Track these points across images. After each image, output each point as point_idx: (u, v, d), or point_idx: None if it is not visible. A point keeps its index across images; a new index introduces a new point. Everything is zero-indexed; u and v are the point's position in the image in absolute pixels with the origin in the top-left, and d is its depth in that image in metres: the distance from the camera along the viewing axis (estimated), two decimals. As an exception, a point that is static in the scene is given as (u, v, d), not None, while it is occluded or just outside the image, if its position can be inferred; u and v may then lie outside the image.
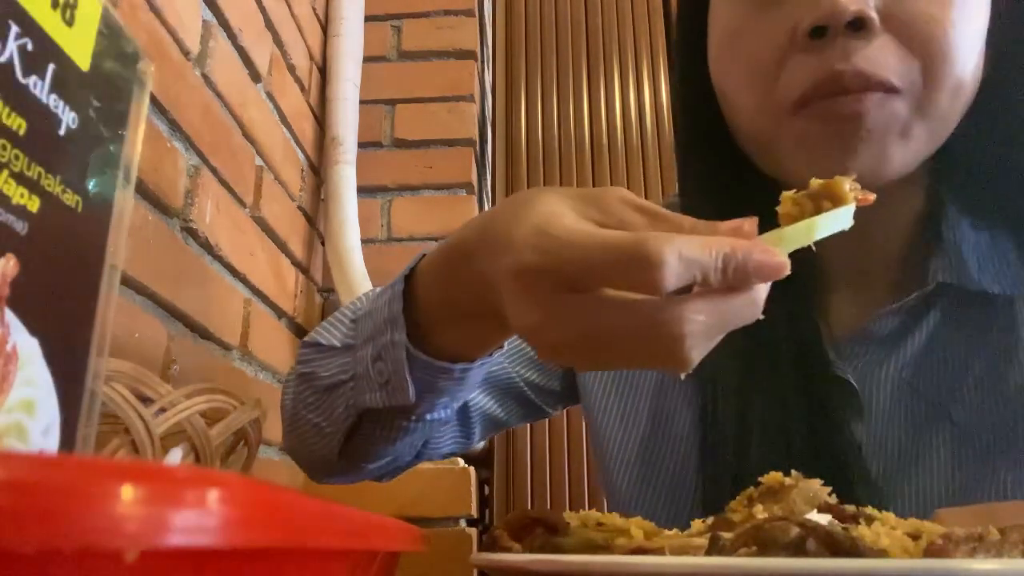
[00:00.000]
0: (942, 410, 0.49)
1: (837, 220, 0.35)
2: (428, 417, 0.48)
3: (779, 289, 0.52)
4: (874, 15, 0.44)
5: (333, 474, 0.55)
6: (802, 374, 0.50)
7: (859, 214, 0.42)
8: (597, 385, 0.61)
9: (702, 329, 0.31)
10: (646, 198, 1.48)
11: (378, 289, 0.50)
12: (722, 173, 0.55)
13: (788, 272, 0.32)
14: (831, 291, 0.54)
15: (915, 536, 0.27)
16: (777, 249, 0.32)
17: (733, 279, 0.31)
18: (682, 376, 0.33)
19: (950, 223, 0.51)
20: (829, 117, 0.46)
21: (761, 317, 0.33)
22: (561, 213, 0.33)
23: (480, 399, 0.60)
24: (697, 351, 0.31)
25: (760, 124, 0.50)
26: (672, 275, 0.29)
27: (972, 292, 0.49)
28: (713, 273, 0.30)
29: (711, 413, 0.53)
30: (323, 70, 1.21)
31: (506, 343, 0.48)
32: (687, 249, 0.30)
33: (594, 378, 0.61)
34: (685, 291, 0.31)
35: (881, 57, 0.44)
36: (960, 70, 0.46)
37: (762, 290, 0.33)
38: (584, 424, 1.29)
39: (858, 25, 0.44)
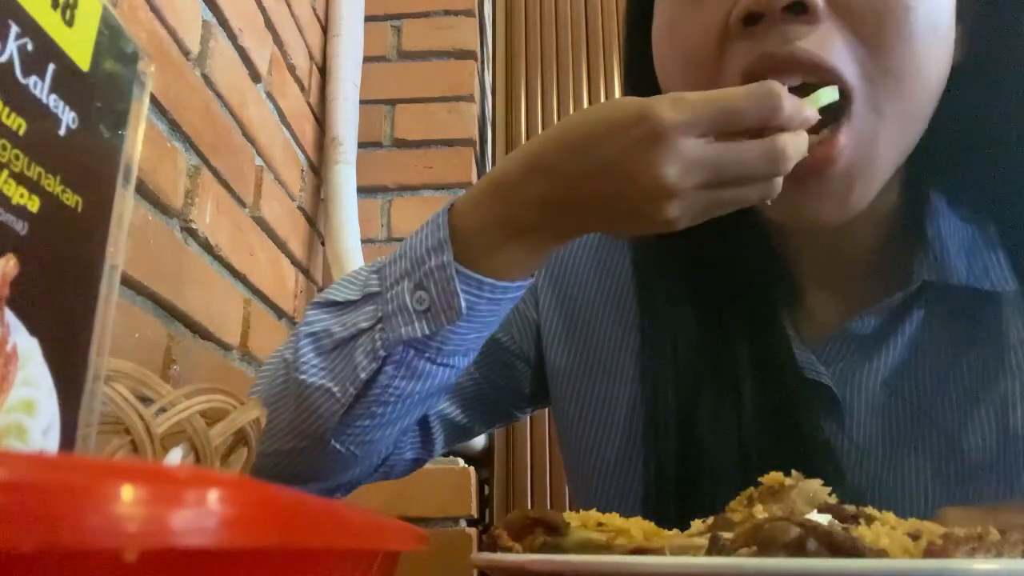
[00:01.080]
0: (926, 414, 0.48)
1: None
2: (451, 362, 0.46)
3: (760, 290, 0.51)
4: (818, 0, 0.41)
5: (314, 476, 0.52)
6: (764, 375, 0.48)
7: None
8: (562, 375, 0.59)
9: (684, 186, 0.38)
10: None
11: (404, 242, 0.48)
12: None
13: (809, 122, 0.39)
14: (809, 292, 0.52)
15: (915, 536, 0.27)
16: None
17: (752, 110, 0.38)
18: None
19: (934, 216, 0.48)
20: None
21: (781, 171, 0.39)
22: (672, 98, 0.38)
23: (444, 407, 0.57)
24: (682, 210, 0.39)
25: None
26: (783, 119, 0.37)
27: (957, 289, 0.47)
28: (728, 112, 0.37)
29: (656, 413, 0.51)
30: (323, 70, 1.21)
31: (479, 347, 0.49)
32: (692, 97, 0.37)
33: (566, 382, 0.59)
34: None
35: (824, 43, 0.41)
36: (922, 57, 0.42)
37: (786, 138, 0.38)
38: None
39: (799, 9, 0.41)
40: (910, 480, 0.47)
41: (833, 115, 0.42)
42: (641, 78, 0.52)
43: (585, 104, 1.58)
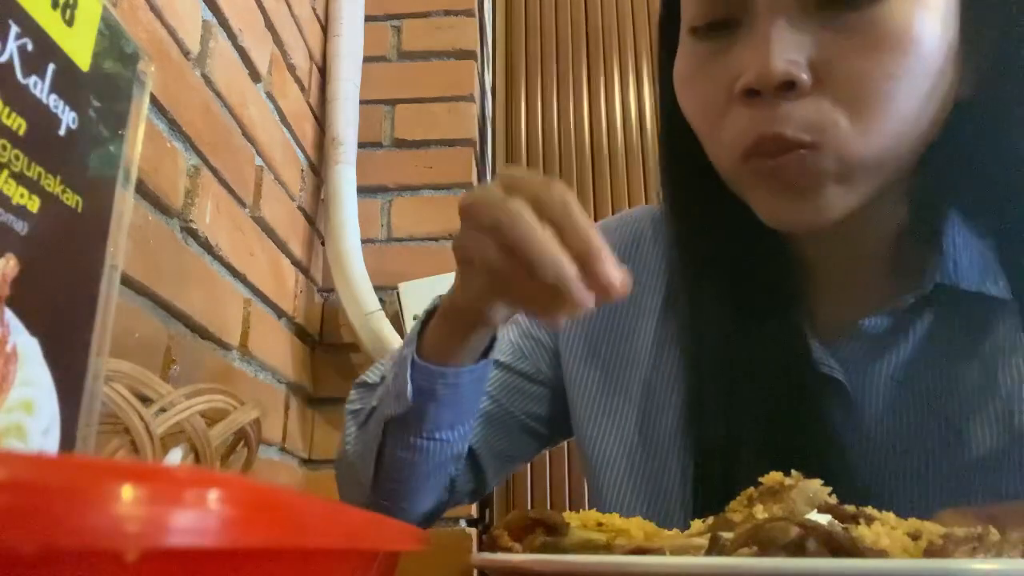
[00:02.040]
0: (936, 412, 0.49)
1: None
2: (437, 436, 0.54)
3: (765, 291, 0.54)
4: (804, 76, 0.45)
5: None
6: (787, 373, 0.51)
7: (837, 228, 0.48)
8: (583, 392, 0.61)
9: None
10: (645, 198, 1.47)
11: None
12: (704, 198, 0.56)
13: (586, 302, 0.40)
14: (825, 292, 0.55)
15: (915, 536, 0.27)
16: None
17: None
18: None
19: (950, 228, 0.51)
20: (764, 173, 0.48)
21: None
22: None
23: (485, 442, 0.62)
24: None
25: (718, 166, 0.52)
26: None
27: (968, 294, 0.49)
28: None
29: (698, 415, 0.54)
30: (323, 70, 1.21)
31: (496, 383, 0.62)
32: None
33: (581, 387, 0.62)
34: None
35: (805, 117, 0.45)
36: (900, 116, 0.46)
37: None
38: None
39: (788, 87, 0.45)
40: (918, 473, 0.49)
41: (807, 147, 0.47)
42: (671, 107, 0.57)
43: (585, 104, 1.59)
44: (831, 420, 0.50)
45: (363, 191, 1.17)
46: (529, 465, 1.29)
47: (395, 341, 1.05)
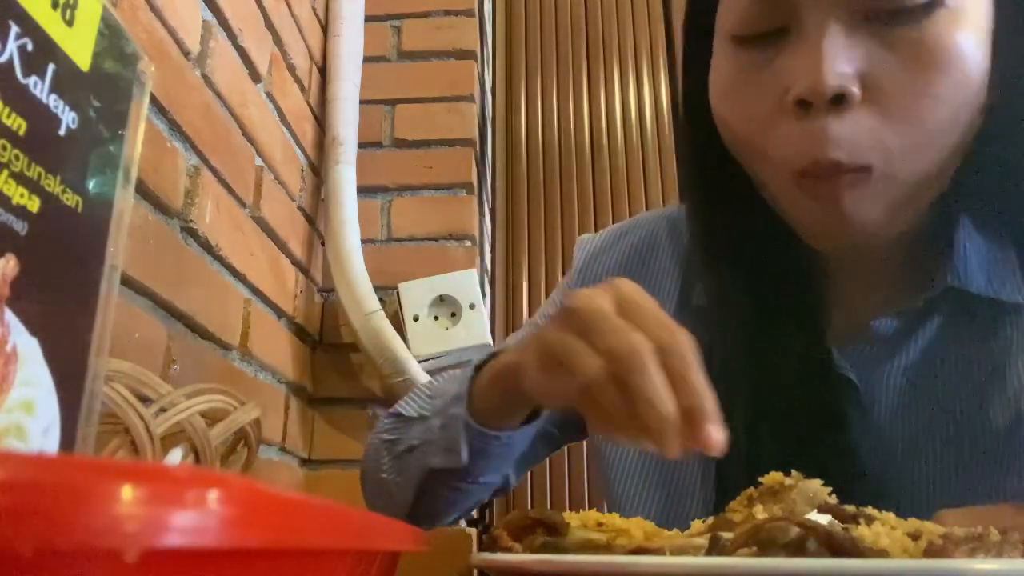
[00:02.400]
0: (944, 411, 0.50)
1: None
2: (481, 480, 0.56)
3: (787, 294, 0.54)
4: (855, 90, 0.45)
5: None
6: (809, 375, 0.52)
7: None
8: None
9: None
10: (645, 199, 1.48)
11: (456, 372, 0.62)
12: (727, 201, 0.56)
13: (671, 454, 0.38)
14: (837, 293, 0.56)
15: (915, 536, 0.27)
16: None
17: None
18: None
19: (961, 233, 0.52)
20: (814, 194, 0.48)
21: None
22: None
23: None
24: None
25: (761, 178, 0.52)
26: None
27: (978, 298, 0.50)
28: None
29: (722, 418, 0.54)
30: (323, 70, 1.21)
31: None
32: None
33: None
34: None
35: (857, 136, 0.46)
36: (939, 137, 0.47)
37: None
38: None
39: (838, 100, 0.45)
40: (927, 473, 0.50)
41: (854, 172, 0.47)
42: (698, 108, 0.57)
43: (585, 104, 1.59)
44: (850, 421, 0.50)
45: (363, 191, 1.17)
46: (529, 465, 1.29)
47: (395, 341, 1.05)
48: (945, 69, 0.45)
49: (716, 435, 0.38)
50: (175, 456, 0.47)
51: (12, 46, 0.26)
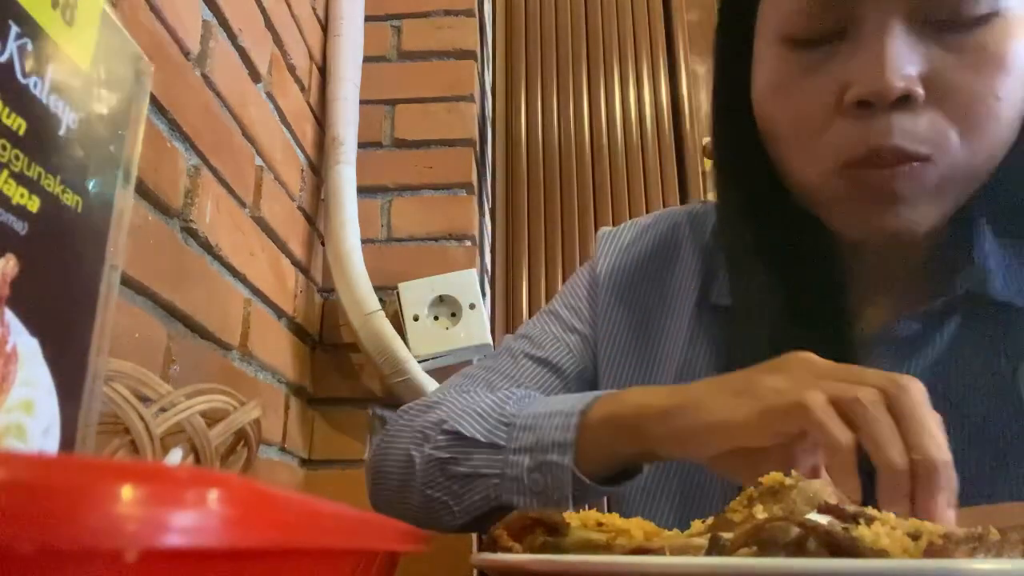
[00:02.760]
0: (958, 412, 0.51)
1: None
2: None
3: (818, 291, 0.55)
4: (919, 91, 0.46)
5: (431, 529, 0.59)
6: None
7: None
8: (617, 388, 0.62)
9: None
10: (646, 199, 1.47)
11: (538, 399, 0.55)
12: (759, 193, 0.57)
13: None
14: (861, 292, 0.56)
15: (915, 536, 0.27)
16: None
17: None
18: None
19: (980, 239, 0.53)
20: (864, 186, 0.48)
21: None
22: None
23: None
24: None
25: (802, 175, 0.52)
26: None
27: (994, 303, 0.51)
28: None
29: None
30: (323, 70, 1.21)
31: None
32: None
33: (614, 382, 0.62)
34: None
35: (920, 131, 0.46)
36: (998, 136, 0.48)
37: None
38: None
39: (902, 101, 0.46)
40: None
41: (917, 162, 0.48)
42: (732, 97, 0.57)
43: (585, 104, 1.59)
44: None
45: (363, 191, 1.17)
46: (529, 465, 1.29)
47: (395, 341, 1.05)
48: (1005, 72, 0.46)
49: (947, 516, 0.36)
50: (175, 456, 0.47)
51: (12, 46, 0.26)
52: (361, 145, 1.19)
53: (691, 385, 0.46)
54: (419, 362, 1.06)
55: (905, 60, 0.46)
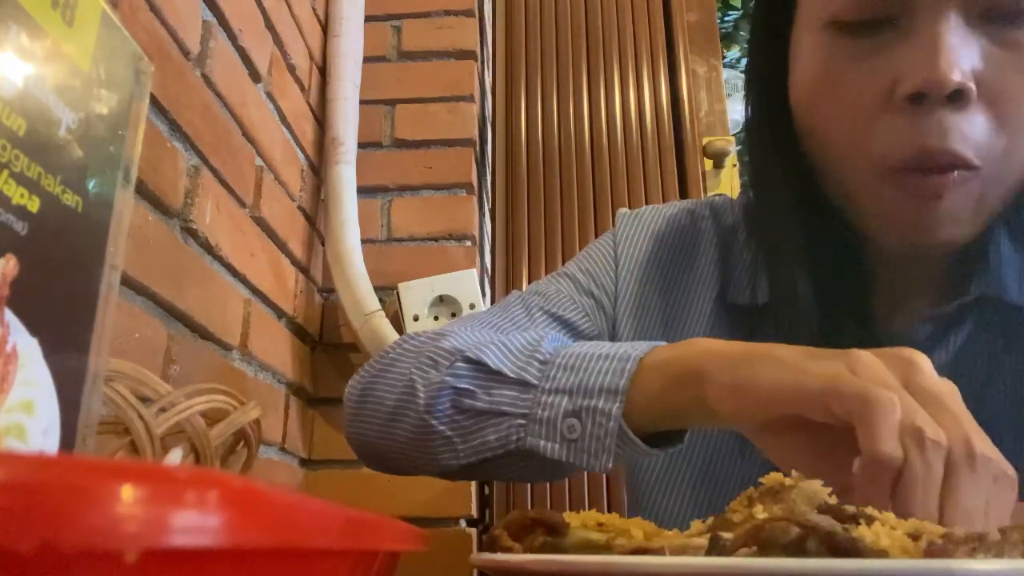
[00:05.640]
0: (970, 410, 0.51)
1: None
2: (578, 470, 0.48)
3: (849, 293, 0.54)
4: (972, 87, 0.44)
5: (418, 473, 0.54)
6: None
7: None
8: None
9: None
10: (646, 199, 1.47)
11: (586, 345, 0.49)
12: (793, 193, 0.56)
13: None
14: (880, 295, 0.56)
15: (915, 536, 0.27)
16: None
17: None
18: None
19: (996, 245, 0.52)
20: (912, 190, 0.47)
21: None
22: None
23: None
24: None
25: (845, 176, 0.51)
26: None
27: (1008, 307, 0.51)
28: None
29: None
30: (323, 70, 1.21)
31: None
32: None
33: None
34: None
35: (971, 134, 0.45)
36: None
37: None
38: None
39: (956, 96, 0.44)
40: None
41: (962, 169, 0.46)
42: (765, 88, 0.55)
43: (585, 104, 1.58)
44: None
45: (363, 191, 1.17)
46: (529, 465, 1.29)
47: (395, 341, 1.05)
48: None
49: None
50: (175, 456, 0.47)
51: (12, 46, 0.26)
52: (361, 145, 1.19)
53: (765, 344, 0.42)
54: (419, 362, 1.06)
55: (961, 53, 0.44)
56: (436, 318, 1.11)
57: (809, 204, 0.54)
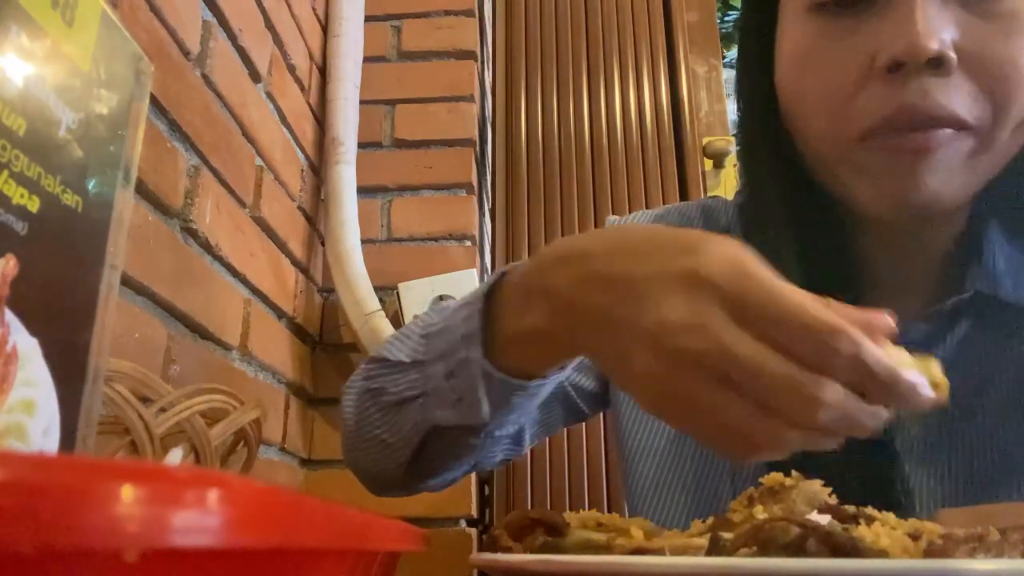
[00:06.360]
0: (966, 413, 0.50)
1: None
2: (496, 434, 0.49)
3: (838, 284, 0.54)
4: (952, 54, 0.45)
5: (394, 488, 0.56)
6: None
7: (912, 231, 0.51)
8: None
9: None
10: (645, 199, 1.47)
11: (451, 304, 0.50)
12: (785, 187, 0.55)
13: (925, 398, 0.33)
14: (874, 294, 0.56)
15: (915, 536, 0.27)
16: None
17: (880, 394, 0.31)
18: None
19: (990, 241, 0.52)
20: (896, 150, 0.47)
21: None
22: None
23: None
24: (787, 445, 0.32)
25: (826, 148, 0.51)
26: (846, 369, 0.30)
27: (1004, 304, 0.51)
28: (877, 382, 0.31)
29: None
30: (323, 70, 1.21)
31: None
32: (872, 354, 0.30)
33: None
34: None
35: (955, 95, 0.45)
36: None
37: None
38: (585, 425, 1.29)
39: (936, 63, 0.45)
40: (947, 476, 0.50)
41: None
42: (760, 94, 0.55)
43: (585, 104, 1.58)
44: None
45: (363, 191, 1.17)
46: (529, 465, 1.29)
47: (395, 341, 1.05)
48: None
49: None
50: (175, 456, 0.47)
51: (12, 46, 0.26)
52: (361, 145, 1.19)
53: (607, 232, 0.38)
54: (419, 362, 1.06)
55: (938, 23, 0.45)
56: (436, 318, 1.11)
57: (800, 198, 0.54)
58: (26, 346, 0.27)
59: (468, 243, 1.19)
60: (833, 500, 0.33)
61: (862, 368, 0.30)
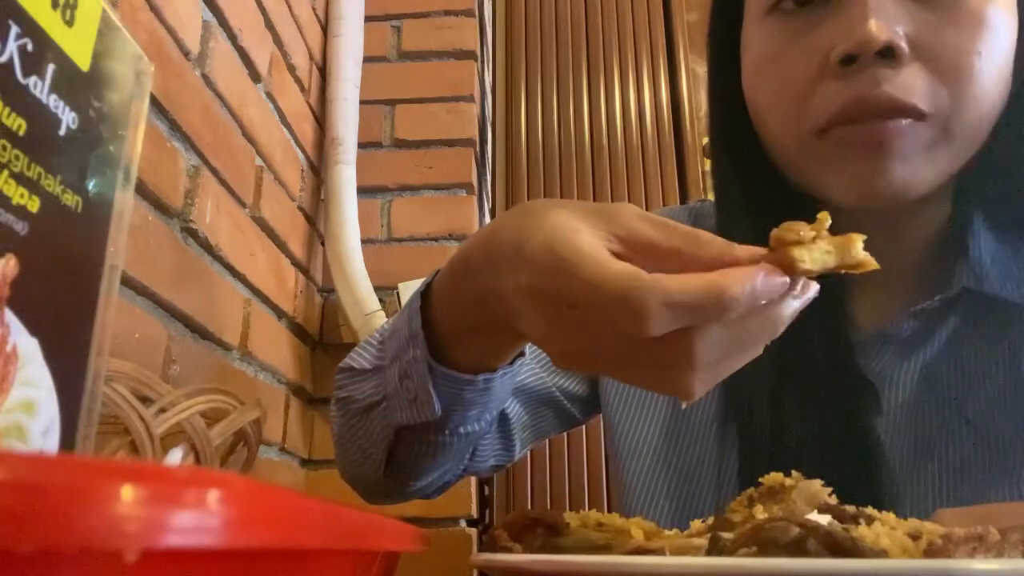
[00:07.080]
0: (957, 410, 0.50)
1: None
2: (461, 431, 0.48)
3: (819, 294, 0.55)
4: (904, 45, 0.46)
5: (382, 494, 0.57)
6: (832, 373, 0.52)
7: (889, 225, 0.49)
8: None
9: (707, 361, 0.32)
10: (646, 197, 1.47)
11: (398, 315, 0.50)
12: (756, 187, 0.56)
13: (787, 287, 0.32)
14: (859, 291, 0.56)
15: (915, 536, 0.27)
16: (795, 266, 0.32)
17: (741, 308, 0.31)
18: (683, 405, 0.35)
19: (975, 235, 0.52)
20: (853, 142, 0.47)
21: (779, 333, 0.34)
22: (575, 228, 0.33)
23: (517, 410, 0.61)
24: (702, 383, 0.33)
25: (788, 147, 0.52)
26: (658, 325, 0.30)
27: (992, 299, 0.51)
28: (712, 311, 0.30)
29: (746, 412, 0.53)
30: (323, 70, 1.21)
31: (534, 351, 0.53)
32: (679, 295, 0.30)
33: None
34: None
35: (910, 84, 0.46)
36: (986, 95, 0.48)
37: (783, 307, 0.33)
38: (584, 426, 1.30)
39: (888, 54, 0.46)
40: (940, 473, 0.50)
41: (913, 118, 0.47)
42: (729, 99, 0.57)
43: (585, 104, 1.58)
44: (867, 419, 0.50)
45: (363, 191, 1.17)
46: (529, 465, 1.29)
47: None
48: (987, 28, 0.46)
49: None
50: (175, 456, 0.47)
51: (12, 46, 0.26)
52: (361, 145, 1.19)
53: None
54: (419, 362, 1.06)
55: (888, 16, 0.46)
56: (436, 318, 1.11)
57: (771, 199, 0.54)
58: (26, 346, 0.27)
59: (468, 243, 1.19)
60: (833, 500, 0.33)
61: (681, 309, 0.30)
